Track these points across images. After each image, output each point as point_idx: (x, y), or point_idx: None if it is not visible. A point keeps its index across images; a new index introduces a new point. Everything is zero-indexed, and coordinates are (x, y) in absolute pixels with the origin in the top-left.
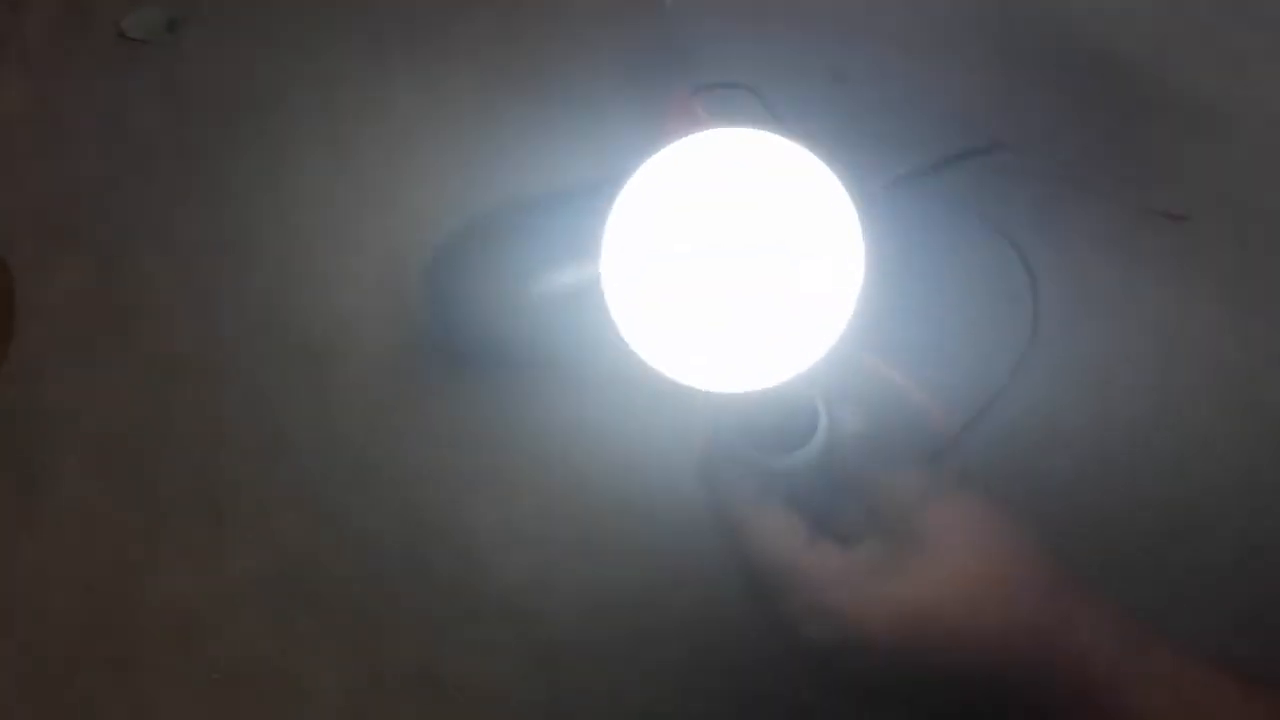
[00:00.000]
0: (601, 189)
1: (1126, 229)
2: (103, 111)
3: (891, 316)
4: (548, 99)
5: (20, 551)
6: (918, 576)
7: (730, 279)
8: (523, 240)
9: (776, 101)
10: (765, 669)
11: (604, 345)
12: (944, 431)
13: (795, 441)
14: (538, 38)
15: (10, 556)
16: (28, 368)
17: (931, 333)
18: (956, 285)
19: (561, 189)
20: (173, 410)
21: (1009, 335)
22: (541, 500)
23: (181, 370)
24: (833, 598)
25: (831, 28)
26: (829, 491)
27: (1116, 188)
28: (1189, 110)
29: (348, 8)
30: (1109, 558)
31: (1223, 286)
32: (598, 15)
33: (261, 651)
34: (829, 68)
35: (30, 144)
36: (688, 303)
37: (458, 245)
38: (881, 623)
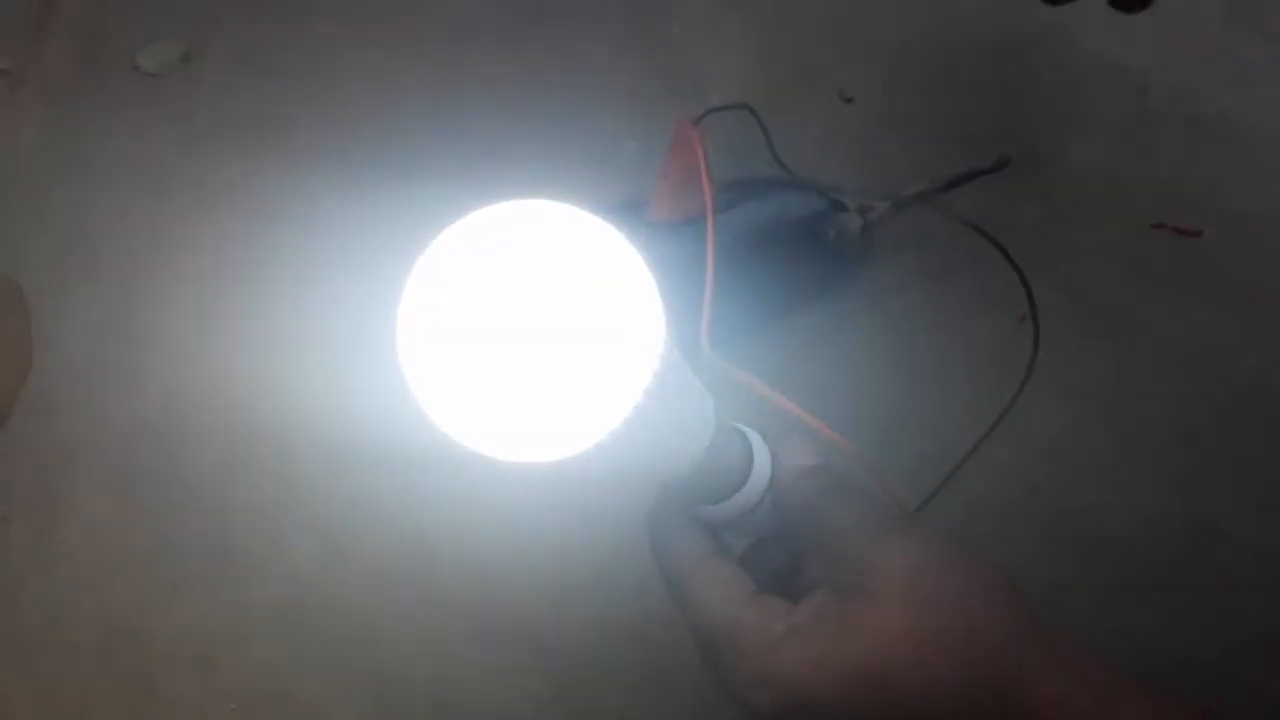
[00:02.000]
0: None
1: (1137, 246)
2: (118, 143)
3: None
4: (557, 124)
5: (37, 580)
6: (866, 634)
7: (527, 349)
8: None
9: (784, 123)
10: None
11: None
12: (847, 456)
13: (729, 486)
14: (547, 64)
15: (28, 585)
16: (45, 397)
17: (935, 356)
18: (963, 306)
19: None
20: (188, 439)
21: (1017, 355)
22: (556, 528)
23: (197, 399)
24: (777, 662)
25: (838, 49)
26: (787, 542)
27: (1126, 205)
28: (1197, 124)
29: (357, 38)
30: (1124, 577)
31: (1235, 301)
32: (607, 42)
33: (277, 680)
34: (836, 89)
35: (47, 174)
36: (487, 372)
37: None
38: (829, 687)
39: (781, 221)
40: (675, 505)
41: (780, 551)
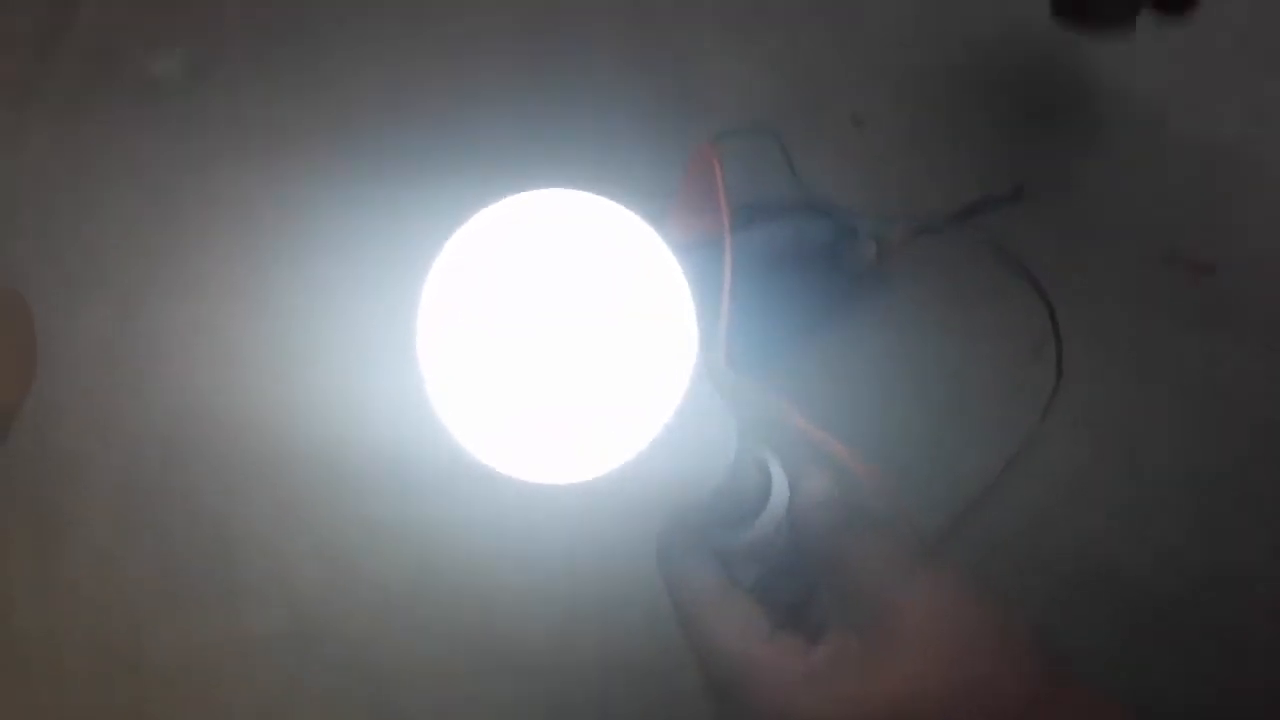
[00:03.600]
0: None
1: (1151, 279)
2: (126, 155)
3: (910, 370)
4: (568, 141)
5: (35, 600)
6: (888, 674)
7: (557, 357)
8: None
9: (795, 146)
10: None
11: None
12: (874, 486)
13: (745, 513)
14: (557, 82)
15: (25, 605)
16: (47, 412)
17: (948, 385)
18: (977, 337)
19: None
20: (189, 460)
21: (1032, 388)
22: (563, 559)
23: (199, 419)
24: (794, 699)
25: (851, 72)
26: (800, 573)
27: (1141, 237)
28: (1214, 156)
29: (368, 49)
30: (1137, 615)
31: (1250, 336)
32: (619, 62)
33: (275, 707)
34: (848, 112)
35: (54, 187)
36: (512, 384)
37: None
38: None
39: (797, 244)
40: (688, 534)
41: (792, 582)
